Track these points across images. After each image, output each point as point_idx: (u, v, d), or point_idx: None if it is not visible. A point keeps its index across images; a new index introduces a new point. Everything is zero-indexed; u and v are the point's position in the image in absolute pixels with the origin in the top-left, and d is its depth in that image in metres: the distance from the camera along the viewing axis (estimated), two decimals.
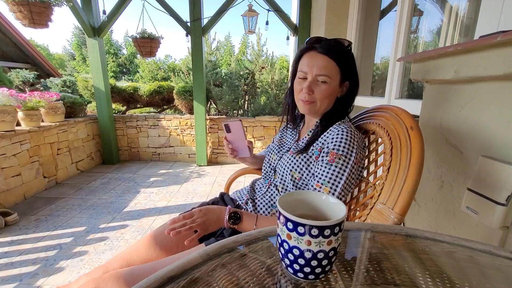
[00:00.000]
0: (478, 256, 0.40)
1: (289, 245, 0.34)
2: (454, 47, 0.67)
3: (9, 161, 2.34)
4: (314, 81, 0.77)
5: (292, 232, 0.33)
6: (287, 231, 0.34)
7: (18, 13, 2.23)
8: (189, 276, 0.34)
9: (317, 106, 0.79)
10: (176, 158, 3.92)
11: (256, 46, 4.23)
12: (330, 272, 0.36)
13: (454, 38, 1.36)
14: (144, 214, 2.26)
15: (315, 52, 0.76)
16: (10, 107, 2.30)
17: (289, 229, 0.33)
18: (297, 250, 0.33)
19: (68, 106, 3.23)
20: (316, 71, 0.75)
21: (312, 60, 0.76)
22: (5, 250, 1.73)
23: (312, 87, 0.77)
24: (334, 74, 0.76)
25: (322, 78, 0.75)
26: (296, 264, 0.34)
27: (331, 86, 0.77)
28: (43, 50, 18.77)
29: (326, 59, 0.75)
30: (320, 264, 0.33)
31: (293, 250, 0.33)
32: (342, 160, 0.71)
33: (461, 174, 0.72)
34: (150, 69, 13.00)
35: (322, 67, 0.75)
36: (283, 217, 0.34)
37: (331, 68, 0.75)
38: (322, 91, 0.77)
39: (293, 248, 0.33)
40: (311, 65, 0.76)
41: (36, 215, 2.20)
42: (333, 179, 0.70)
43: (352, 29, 2.21)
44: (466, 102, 0.71)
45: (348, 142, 0.72)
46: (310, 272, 0.34)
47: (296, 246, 0.33)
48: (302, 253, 0.33)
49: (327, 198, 0.39)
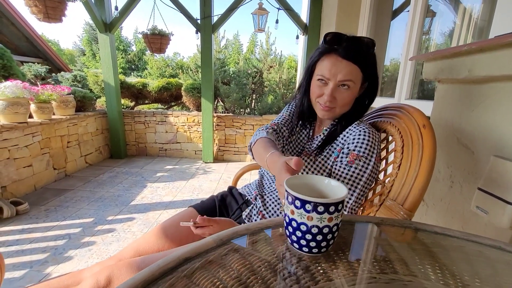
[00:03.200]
0: (488, 251, 0.40)
1: (297, 222, 0.38)
2: (469, 46, 0.67)
3: (21, 152, 2.40)
4: (335, 87, 0.72)
5: (300, 210, 0.37)
6: (295, 209, 0.38)
7: (34, 7, 2.27)
8: (204, 258, 0.35)
9: (337, 111, 0.77)
10: (183, 154, 3.95)
11: (265, 44, 4.24)
12: (330, 247, 0.40)
13: (467, 40, 1.34)
14: (150, 208, 2.29)
15: (338, 56, 0.71)
16: (23, 99, 2.36)
17: (297, 207, 0.37)
18: (304, 226, 0.37)
19: (78, 100, 3.28)
20: (341, 77, 0.71)
21: (335, 66, 0.71)
22: (16, 238, 1.77)
23: (334, 93, 0.73)
24: (357, 78, 0.72)
25: (345, 84, 0.71)
26: (303, 240, 0.38)
27: (353, 92, 0.73)
28: (53, 45, 19.08)
29: (351, 65, 0.70)
30: (325, 238, 0.38)
31: (301, 226, 0.38)
32: (363, 161, 0.70)
33: (471, 174, 0.72)
34: (159, 66, 13.11)
35: (346, 74, 0.70)
36: (291, 197, 0.38)
37: (356, 74, 0.71)
38: (344, 98, 0.73)
39: (300, 224, 0.38)
40: (335, 72, 0.71)
41: (46, 206, 2.26)
42: (352, 180, 0.69)
43: (363, 29, 2.20)
44: (479, 102, 0.70)
45: (370, 144, 0.71)
46: (315, 246, 0.38)
47: (303, 222, 0.37)
48: (310, 229, 0.37)
49: (329, 181, 0.44)
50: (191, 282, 0.31)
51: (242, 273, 0.33)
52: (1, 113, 2.25)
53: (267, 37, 4.20)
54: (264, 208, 0.85)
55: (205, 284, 0.31)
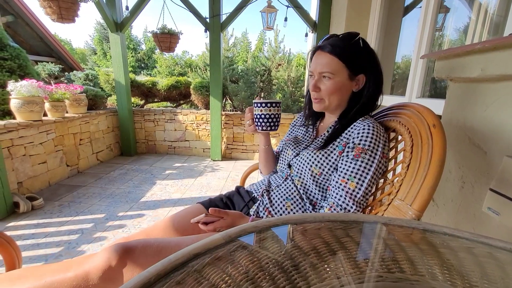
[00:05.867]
0: (498, 253, 0.40)
1: (259, 114, 0.88)
2: (482, 44, 0.65)
3: (36, 149, 2.48)
4: (319, 79, 0.81)
5: (259, 107, 0.87)
6: (258, 107, 0.88)
7: (48, 8, 2.34)
8: (213, 254, 0.36)
9: (326, 103, 0.83)
10: (191, 152, 4.00)
11: (274, 42, 4.23)
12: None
13: (482, 37, 1.30)
14: (159, 204, 2.33)
15: (320, 51, 0.81)
16: (38, 98, 2.43)
17: (258, 107, 0.88)
18: (263, 115, 0.88)
19: (90, 98, 3.36)
20: (319, 68, 0.80)
21: (317, 59, 0.81)
22: (32, 232, 1.84)
23: (318, 84, 0.81)
24: (338, 69, 0.78)
25: (325, 75, 0.79)
26: (263, 124, 0.89)
27: (336, 82, 0.79)
28: (66, 44, 19.51)
29: (328, 56, 0.78)
30: (275, 121, 0.89)
31: (261, 115, 0.88)
32: (369, 155, 0.71)
33: (483, 174, 0.70)
34: (168, 64, 13.22)
35: (324, 65, 0.79)
36: (256, 103, 0.88)
37: (334, 65, 0.78)
38: (327, 87, 0.80)
39: (261, 115, 0.88)
40: (316, 64, 0.81)
41: (60, 201, 2.33)
42: (359, 174, 0.71)
43: (373, 27, 2.17)
44: (492, 101, 0.69)
45: (374, 137, 0.72)
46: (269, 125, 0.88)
47: (263, 113, 0.87)
48: (265, 116, 0.88)
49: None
50: (201, 276, 0.32)
51: (250, 269, 0.34)
52: (17, 111, 2.33)
53: (276, 35, 4.18)
54: (271, 205, 0.86)
55: (215, 278, 0.32)
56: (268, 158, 1.03)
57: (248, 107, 0.93)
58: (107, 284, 0.62)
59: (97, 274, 0.61)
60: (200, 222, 0.76)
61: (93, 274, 0.61)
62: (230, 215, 0.77)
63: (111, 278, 0.62)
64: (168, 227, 0.86)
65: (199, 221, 0.77)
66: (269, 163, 1.04)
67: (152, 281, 0.29)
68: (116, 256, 0.62)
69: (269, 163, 1.04)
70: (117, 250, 0.63)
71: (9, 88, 2.32)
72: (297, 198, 0.85)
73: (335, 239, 0.42)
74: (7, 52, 2.71)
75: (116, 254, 0.62)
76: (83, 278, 0.61)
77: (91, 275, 0.61)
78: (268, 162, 1.04)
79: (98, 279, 0.61)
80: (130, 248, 0.64)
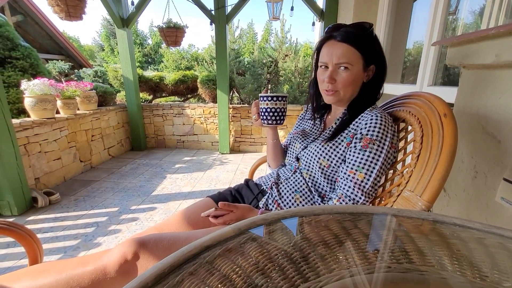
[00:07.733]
0: (510, 243, 0.39)
1: (265, 108, 0.86)
2: (496, 29, 0.63)
3: (51, 146, 2.56)
4: (335, 70, 0.77)
5: (265, 101, 0.86)
6: (264, 101, 0.86)
7: (56, 6, 2.37)
8: (224, 246, 0.37)
9: (341, 95, 0.80)
10: (200, 146, 4.04)
11: (280, 33, 4.16)
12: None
13: (499, 21, 1.25)
14: (170, 198, 2.38)
15: (334, 40, 0.77)
16: (50, 96, 2.49)
17: (264, 100, 0.86)
18: (268, 109, 0.86)
19: (100, 95, 3.42)
20: (336, 59, 0.76)
21: (331, 49, 0.77)
22: (50, 225, 1.92)
23: (334, 76, 0.77)
24: (355, 60, 0.75)
25: (342, 66, 0.75)
26: (269, 118, 0.87)
27: (353, 73, 0.76)
28: (74, 41, 19.75)
29: (345, 46, 0.75)
30: (281, 115, 0.88)
31: (267, 109, 0.86)
32: (377, 145, 0.71)
33: (497, 164, 0.69)
34: (174, 58, 13.25)
35: (341, 55, 0.75)
36: (262, 97, 0.86)
37: (351, 55, 0.75)
38: (343, 79, 0.77)
39: (267, 108, 0.86)
40: (331, 54, 0.76)
41: (75, 196, 2.41)
42: (367, 164, 0.71)
43: (382, 13, 2.10)
44: (507, 88, 0.66)
45: (382, 127, 0.71)
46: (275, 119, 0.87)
47: (268, 107, 0.86)
48: (271, 110, 0.86)
49: None
50: (213, 267, 0.33)
51: (259, 260, 0.35)
52: (31, 110, 2.39)
53: (282, 25, 4.11)
54: (280, 197, 0.87)
55: (226, 269, 0.33)
56: (276, 152, 1.03)
57: (255, 100, 0.91)
58: (123, 277, 0.65)
59: (114, 267, 0.64)
60: (210, 215, 0.78)
61: (110, 268, 0.64)
62: (239, 209, 0.79)
63: (127, 271, 0.65)
64: (180, 222, 0.88)
65: (209, 215, 0.78)
66: (277, 157, 1.04)
67: (166, 271, 0.31)
68: (131, 250, 0.65)
69: (277, 156, 1.04)
70: (131, 245, 0.66)
71: (23, 87, 2.38)
72: (305, 190, 0.85)
73: (343, 230, 0.43)
74: (19, 51, 2.77)
75: (131, 248, 0.65)
76: (101, 272, 0.64)
77: (109, 268, 0.64)
78: (276, 156, 1.04)
79: (115, 272, 0.64)
80: (143, 242, 0.67)
